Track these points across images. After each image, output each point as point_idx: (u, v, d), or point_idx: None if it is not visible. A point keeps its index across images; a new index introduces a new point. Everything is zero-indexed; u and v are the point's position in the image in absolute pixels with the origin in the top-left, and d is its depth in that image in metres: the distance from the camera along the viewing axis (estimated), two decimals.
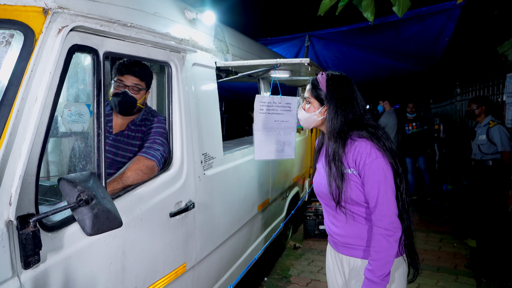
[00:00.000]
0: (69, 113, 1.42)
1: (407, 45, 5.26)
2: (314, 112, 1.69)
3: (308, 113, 1.70)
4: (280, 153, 2.66)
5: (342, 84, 1.65)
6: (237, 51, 3.05)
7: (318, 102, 1.68)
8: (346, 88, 1.65)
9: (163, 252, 1.91)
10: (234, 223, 2.76)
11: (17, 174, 1.17)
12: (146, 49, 1.82)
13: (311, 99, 1.70)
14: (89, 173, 1.39)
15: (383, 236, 1.47)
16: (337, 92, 1.63)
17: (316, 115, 1.68)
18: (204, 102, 2.36)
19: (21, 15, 1.31)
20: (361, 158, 1.53)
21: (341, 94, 1.63)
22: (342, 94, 1.63)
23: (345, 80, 1.67)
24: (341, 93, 1.63)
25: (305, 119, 1.73)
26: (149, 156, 1.87)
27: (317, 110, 1.68)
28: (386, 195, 1.50)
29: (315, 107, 1.69)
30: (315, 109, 1.69)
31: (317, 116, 1.68)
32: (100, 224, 1.28)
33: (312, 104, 1.70)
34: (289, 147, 2.71)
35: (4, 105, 1.19)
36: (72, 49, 1.39)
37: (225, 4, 6.40)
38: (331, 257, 1.79)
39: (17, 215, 1.17)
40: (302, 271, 3.75)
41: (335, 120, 1.61)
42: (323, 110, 1.67)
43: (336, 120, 1.61)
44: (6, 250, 1.14)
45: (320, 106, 1.67)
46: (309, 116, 1.71)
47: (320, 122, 1.70)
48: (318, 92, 1.67)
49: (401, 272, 1.62)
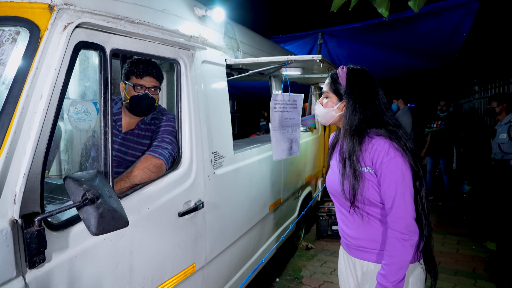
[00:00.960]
0: (76, 110, 1.40)
1: (423, 41, 5.12)
2: (332, 108, 1.61)
3: (326, 109, 1.63)
4: (289, 151, 2.61)
5: (363, 79, 1.58)
6: (248, 49, 3.01)
7: (336, 97, 1.61)
8: (366, 84, 1.57)
9: (172, 252, 1.88)
10: (244, 223, 2.72)
11: (22, 172, 1.15)
12: (154, 46, 1.79)
13: (329, 93, 1.63)
14: (96, 171, 1.37)
15: (398, 239, 1.41)
16: (357, 87, 1.56)
17: (334, 111, 1.61)
18: (214, 100, 2.33)
19: (27, 12, 1.30)
20: (378, 156, 1.46)
21: (361, 89, 1.55)
22: (362, 89, 1.55)
23: (366, 75, 1.59)
24: (361, 88, 1.55)
25: (322, 115, 1.66)
26: (156, 154, 1.84)
27: (335, 106, 1.61)
28: (403, 196, 1.43)
29: (333, 102, 1.62)
30: (333, 104, 1.61)
31: (335, 111, 1.61)
32: (105, 223, 1.25)
33: (330, 99, 1.63)
34: (296, 145, 2.66)
35: (9, 102, 1.17)
36: (78, 46, 1.37)
37: (236, 1, 6.37)
38: (344, 260, 1.73)
39: (21, 214, 1.16)
40: (314, 272, 3.69)
41: (353, 117, 1.54)
42: (342, 105, 1.59)
43: (354, 116, 1.53)
44: (11, 249, 1.12)
45: (339, 101, 1.60)
46: (326, 111, 1.63)
47: (338, 118, 1.62)
48: (337, 86, 1.60)
49: (417, 279, 1.54)
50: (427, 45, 5.24)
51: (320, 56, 2.30)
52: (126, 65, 2.01)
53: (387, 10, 2.53)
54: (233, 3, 4.65)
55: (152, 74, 1.97)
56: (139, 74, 1.94)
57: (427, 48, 5.38)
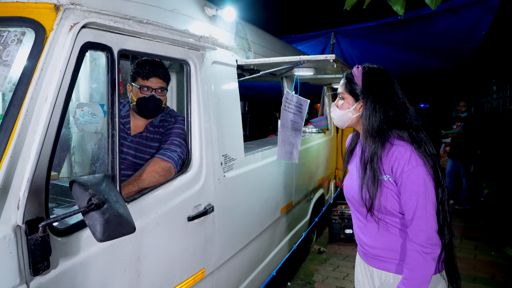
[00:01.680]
0: (82, 113, 1.37)
1: (438, 40, 4.98)
2: (348, 109, 1.52)
3: (342, 110, 1.54)
4: (290, 155, 2.54)
5: (381, 77, 1.49)
6: (259, 49, 2.95)
7: (352, 98, 1.52)
8: (385, 82, 1.48)
9: (180, 257, 1.84)
10: (255, 227, 2.66)
11: (26, 177, 1.12)
12: (163, 47, 1.75)
13: (345, 94, 1.54)
14: (103, 175, 1.33)
15: (419, 253, 1.32)
16: (375, 85, 1.47)
17: (351, 112, 1.52)
18: (225, 102, 2.28)
19: (32, 12, 1.27)
20: (399, 165, 1.37)
21: (379, 88, 1.46)
22: (381, 88, 1.47)
23: (383, 73, 1.51)
24: (379, 87, 1.47)
25: (338, 118, 1.57)
26: (165, 157, 1.80)
27: (351, 107, 1.52)
28: (425, 208, 1.34)
29: (349, 103, 1.52)
30: (350, 106, 1.52)
31: (352, 113, 1.52)
32: (111, 229, 1.21)
33: (346, 100, 1.54)
34: (296, 151, 2.58)
35: (13, 105, 1.14)
36: (84, 46, 1.33)
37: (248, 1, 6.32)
38: (361, 268, 1.65)
39: (25, 220, 1.12)
40: (326, 277, 3.61)
41: (373, 117, 1.45)
42: (358, 106, 1.50)
43: (374, 117, 1.44)
44: (14, 256, 1.09)
45: (355, 102, 1.51)
46: (343, 113, 1.54)
47: (355, 120, 1.53)
48: (353, 86, 1.51)
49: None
50: (444, 44, 5.10)
51: (334, 56, 2.23)
52: (132, 66, 1.98)
53: (403, 8, 2.44)
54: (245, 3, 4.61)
55: (159, 75, 1.93)
56: (145, 75, 1.90)
57: (443, 47, 5.24)
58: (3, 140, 1.10)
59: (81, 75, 1.81)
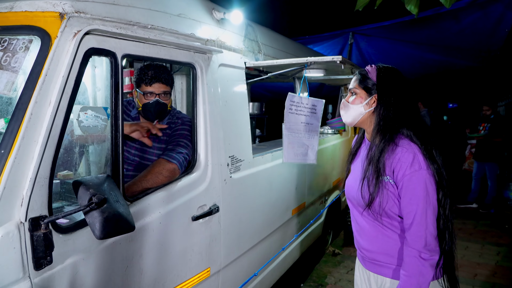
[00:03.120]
0: (86, 116, 1.43)
1: (460, 38, 4.83)
2: (361, 104, 1.51)
3: (354, 105, 1.52)
4: (304, 157, 2.53)
5: (394, 75, 1.49)
6: (270, 51, 2.96)
7: (365, 93, 1.51)
8: (398, 80, 1.48)
9: (185, 256, 1.88)
10: (264, 228, 2.68)
11: (29, 176, 1.19)
12: (168, 51, 1.80)
13: (357, 89, 1.53)
14: (105, 176, 1.39)
15: (417, 258, 1.31)
16: (389, 81, 1.47)
17: (363, 107, 1.50)
18: (232, 103, 2.31)
19: (39, 20, 1.34)
20: (401, 167, 1.36)
21: (394, 84, 1.46)
22: (395, 84, 1.47)
23: (397, 72, 1.51)
24: (393, 83, 1.47)
25: (349, 113, 1.55)
26: (170, 158, 1.85)
27: (364, 101, 1.50)
28: (425, 214, 1.32)
29: (362, 97, 1.51)
30: (362, 100, 1.50)
31: (364, 108, 1.50)
32: (110, 228, 1.27)
33: (358, 95, 1.52)
34: (312, 152, 2.57)
35: (19, 108, 1.21)
36: (88, 52, 1.40)
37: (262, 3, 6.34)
38: (359, 272, 1.64)
39: (29, 217, 1.19)
40: (339, 280, 3.58)
41: (386, 111, 1.44)
42: (371, 101, 1.49)
43: (388, 111, 1.44)
44: (17, 251, 1.16)
45: (368, 97, 1.50)
46: (354, 108, 1.52)
47: (366, 115, 1.51)
48: (367, 81, 1.50)
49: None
50: (465, 41, 4.95)
51: (341, 57, 2.22)
52: (136, 72, 2.04)
53: (416, 7, 2.40)
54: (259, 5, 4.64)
55: (161, 80, 1.98)
56: (148, 81, 1.96)
57: (466, 45, 5.07)
58: (9, 141, 1.18)
59: (91, 79, 1.88)
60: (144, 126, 1.95)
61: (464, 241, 4.45)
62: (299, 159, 2.54)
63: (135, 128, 1.92)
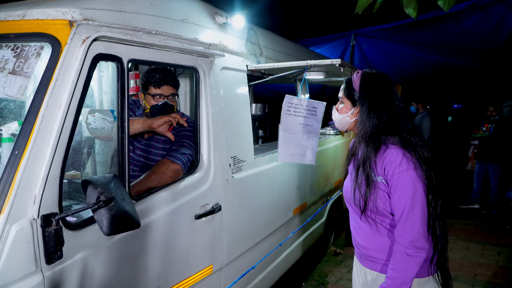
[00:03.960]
0: (94, 118, 1.50)
1: (462, 39, 4.87)
2: (347, 113, 1.61)
3: (341, 114, 1.64)
4: (301, 157, 2.59)
5: (377, 83, 1.55)
6: (272, 54, 3.03)
7: (350, 103, 1.60)
8: (381, 88, 1.54)
9: (188, 253, 1.95)
10: (265, 227, 2.74)
11: (40, 176, 1.26)
12: (172, 55, 1.87)
13: (344, 99, 1.63)
14: (112, 175, 1.46)
15: (403, 254, 1.37)
16: (371, 92, 1.53)
17: (349, 117, 1.60)
18: (234, 106, 2.38)
19: (50, 28, 1.41)
20: (390, 167, 1.43)
21: (375, 94, 1.53)
22: (376, 94, 1.53)
23: (381, 79, 1.56)
24: (375, 93, 1.53)
25: (338, 121, 1.67)
26: (174, 159, 1.92)
27: (349, 111, 1.60)
28: (412, 210, 1.38)
29: (347, 107, 1.61)
30: (348, 110, 1.61)
31: (349, 117, 1.60)
32: (117, 225, 1.33)
33: (345, 105, 1.62)
34: (311, 153, 2.63)
35: (31, 112, 1.29)
36: (96, 58, 1.47)
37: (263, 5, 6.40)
38: (357, 269, 1.70)
39: (41, 214, 1.26)
40: (340, 279, 3.63)
41: (367, 122, 1.51)
42: (356, 111, 1.58)
43: (368, 122, 1.51)
44: (30, 246, 1.23)
45: (353, 107, 1.59)
46: (342, 117, 1.63)
47: (353, 124, 1.62)
48: (351, 91, 1.59)
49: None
50: (467, 43, 4.98)
51: (339, 60, 2.28)
52: (142, 75, 2.11)
53: (415, 10, 2.44)
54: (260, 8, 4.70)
55: (169, 82, 2.05)
56: (157, 84, 2.03)
57: (467, 46, 5.11)
58: (22, 143, 1.25)
59: (97, 83, 1.95)
60: (174, 116, 2.02)
61: (466, 241, 4.49)
62: (296, 159, 2.60)
63: (165, 120, 1.98)
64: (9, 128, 1.35)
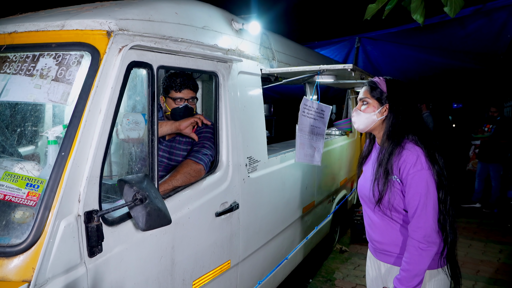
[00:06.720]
0: (127, 121, 1.60)
1: (466, 42, 4.98)
2: (373, 112, 1.68)
3: (367, 114, 1.69)
4: (311, 158, 2.70)
5: (402, 86, 1.69)
6: (283, 57, 3.13)
7: (377, 102, 1.68)
8: (406, 91, 1.68)
9: (209, 249, 2.05)
10: (278, 224, 2.85)
11: (85, 175, 1.37)
12: (195, 61, 1.97)
13: (369, 99, 1.70)
14: (143, 175, 1.57)
15: (416, 248, 1.48)
16: (399, 92, 1.66)
17: (376, 115, 1.68)
18: (250, 109, 2.48)
19: (89, 38, 1.52)
20: (405, 167, 1.54)
21: (403, 95, 1.66)
22: (404, 95, 1.66)
23: (404, 84, 1.70)
24: (402, 94, 1.66)
25: (361, 121, 1.72)
26: (197, 160, 2.03)
27: (376, 110, 1.68)
28: (425, 207, 1.49)
29: (374, 106, 1.68)
30: (375, 109, 1.68)
31: (376, 116, 1.68)
32: (152, 221, 1.44)
33: (370, 105, 1.69)
34: (318, 154, 2.73)
35: (75, 116, 1.39)
36: (130, 65, 1.57)
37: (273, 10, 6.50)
38: (371, 262, 1.81)
39: (84, 211, 1.37)
40: (347, 275, 3.74)
41: (396, 119, 1.63)
42: (383, 109, 1.67)
43: (397, 119, 1.62)
44: (76, 240, 1.34)
45: (380, 106, 1.68)
46: (367, 116, 1.69)
47: (378, 123, 1.69)
48: (378, 92, 1.68)
49: (440, 285, 1.60)
50: (471, 46, 5.09)
51: (351, 65, 2.38)
52: (163, 80, 2.22)
53: (422, 16, 2.54)
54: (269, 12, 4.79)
55: (189, 86, 2.17)
56: (178, 88, 2.14)
57: (471, 49, 5.21)
58: (68, 145, 1.35)
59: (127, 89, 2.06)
60: (198, 117, 2.16)
61: (468, 239, 4.60)
62: (308, 159, 2.71)
63: (191, 122, 2.12)
64: (54, 131, 1.45)
